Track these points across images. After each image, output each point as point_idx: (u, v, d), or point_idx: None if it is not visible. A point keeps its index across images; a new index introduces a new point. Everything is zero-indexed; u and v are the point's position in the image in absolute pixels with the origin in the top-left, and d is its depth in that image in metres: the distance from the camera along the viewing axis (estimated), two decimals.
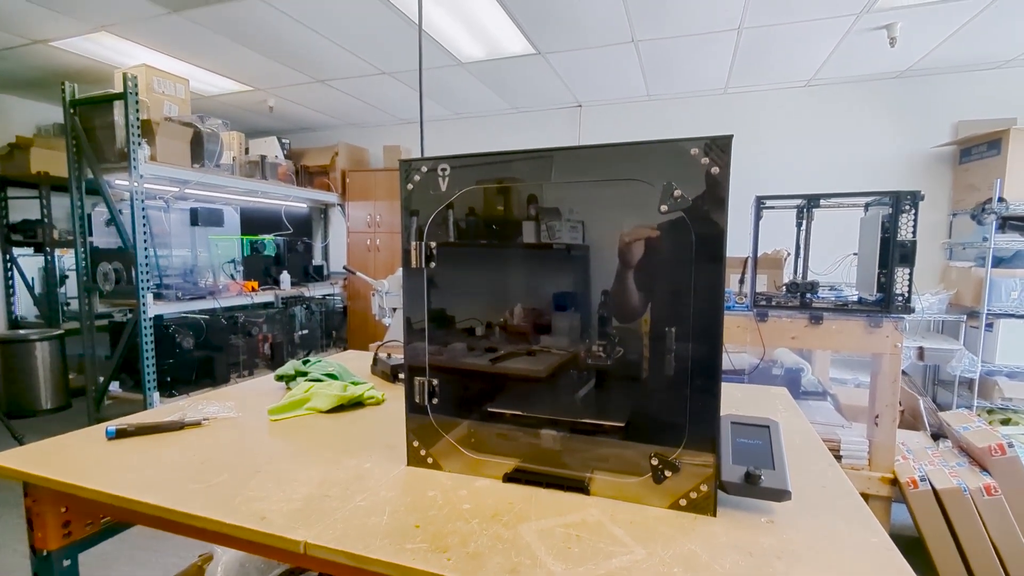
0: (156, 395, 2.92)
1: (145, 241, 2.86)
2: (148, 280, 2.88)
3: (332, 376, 1.26)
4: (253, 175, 3.88)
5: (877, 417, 2.11)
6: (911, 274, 2.08)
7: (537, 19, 3.03)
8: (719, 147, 0.63)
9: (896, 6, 2.85)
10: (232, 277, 3.50)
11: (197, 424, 1.01)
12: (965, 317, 3.62)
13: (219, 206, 3.39)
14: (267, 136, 4.59)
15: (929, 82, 3.95)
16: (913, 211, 2.09)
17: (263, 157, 3.96)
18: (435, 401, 0.82)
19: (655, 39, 3.32)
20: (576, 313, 0.75)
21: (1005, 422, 3.47)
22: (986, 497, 1.92)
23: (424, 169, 0.79)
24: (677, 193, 0.66)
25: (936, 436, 2.89)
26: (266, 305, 3.86)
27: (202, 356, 3.27)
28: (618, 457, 0.73)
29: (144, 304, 2.85)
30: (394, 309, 2.80)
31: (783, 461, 0.70)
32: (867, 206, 2.40)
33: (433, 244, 0.80)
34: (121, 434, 0.93)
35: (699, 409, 0.67)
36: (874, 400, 2.17)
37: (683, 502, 0.68)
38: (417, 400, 0.83)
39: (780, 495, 0.65)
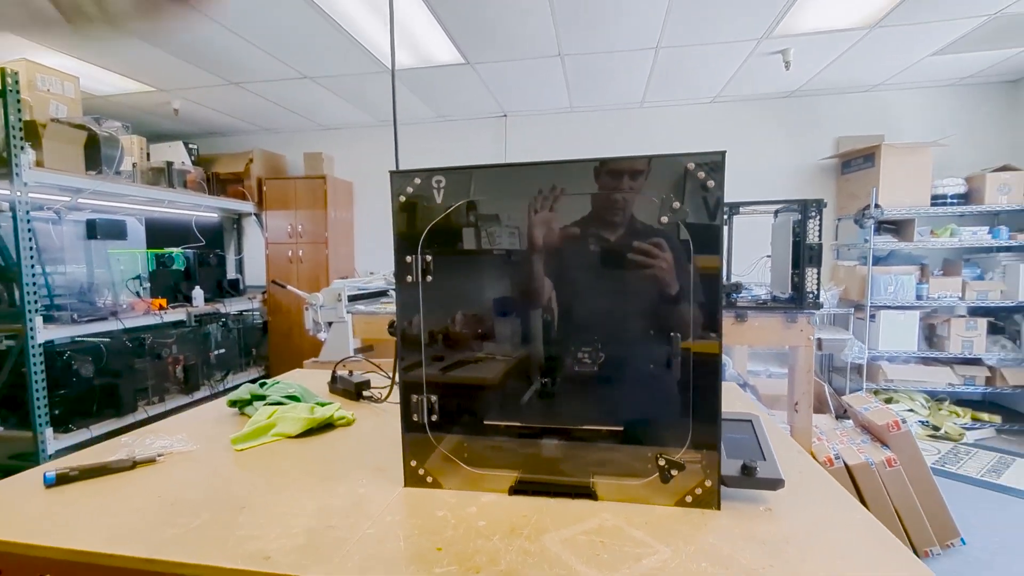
0: (49, 431, 2.56)
1: (32, 257, 2.50)
2: (36, 301, 2.52)
3: (294, 398, 1.18)
4: (158, 183, 3.53)
5: (796, 404, 2.33)
6: (819, 274, 2.33)
7: (469, 30, 3.05)
8: (713, 162, 0.68)
9: (790, 34, 3.19)
10: (137, 294, 3.16)
11: (151, 461, 0.90)
12: (853, 310, 4.10)
13: (121, 217, 3.05)
14: (172, 141, 4.20)
15: (814, 102, 4.45)
16: (818, 217, 2.34)
17: (169, 164, 3.62)
18: (434, 418, 0.80)
19: (580, 54, 3.46)
20: (579, 323, 0.76)
21: (888, 400, 3.97)
22: (888, 469, 2.18)
23: (417, 181, 0.78)
24: (676, 205, 0.69)
25: (839, 417, 3.23)
26: (177, 324, 3.52)
27: (103, 384, 2.92)
28: (619, 461, 0.75)
29: (32, 329, 2.49)
30: (329, 323, 2.67)
31: (772, 452, 0.76)
32: (776, 213, 2.65)
33: (429, 257, 0.78)
34: (62, 480, 0.81)
35: (702, 409, 0.71)
36: (792, 388, 2.40)
37: (689, 499, 0.72)
38: (415, 418, 0.80)
39: (775, 484, 0.71)
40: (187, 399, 3.56)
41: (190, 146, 4.24)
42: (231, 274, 4.81)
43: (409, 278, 0.79)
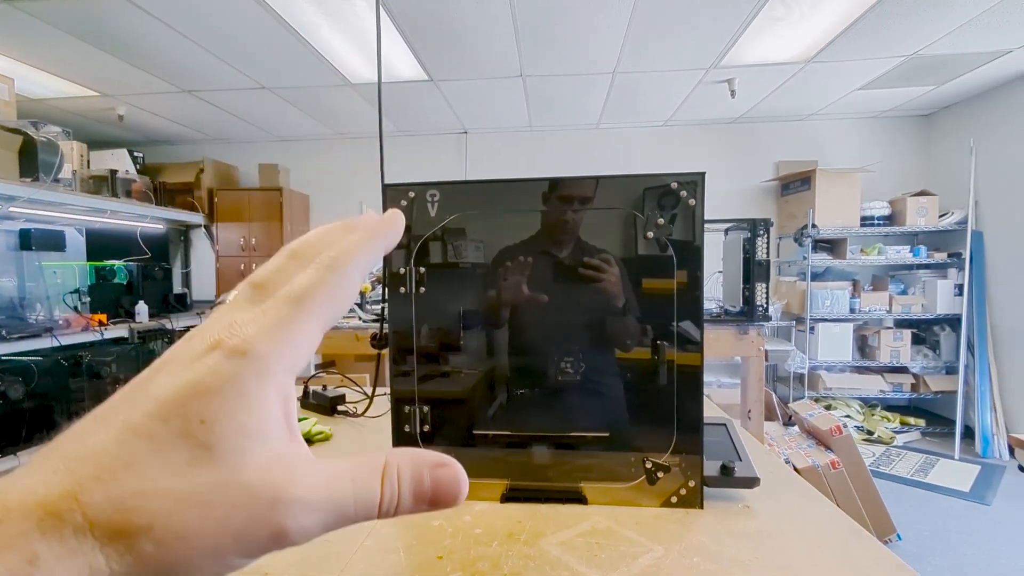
0: None
1: None
2: None
3: None
4: (100, 192, 3.34)
5: (749, 411, 2.45)
6: (768, 288, 2.48)
7: (434, 47, 3.09)
8: (694, 182, 0.73)
9: (736, 64, 3.41)
10: (75, 309, 2.96)
11: None
12: (794, 323, 4.35)
13: (59, 228, 2.86)
14: (116, 148, 3.99)
15: (756, 128, 4.76)
16: (766, 235, 2.50)
17: (113, 172, 3.43)
18: (426, 428, 0.81)
19: (542, 75, 3.57)
20: (568, 335, 0.80)
21: (828, 407, 4.21)
22: (832, 471, 2.32)
23: (411, 195, 0.79)
24: (660, 221, 0.74)
25: (786, 424, 3.41)
26: (118, 341, 3.31)
27: (34, 406, 2.69)
28: (605, 466, 0.79)
29: None
30: None
31: (747, 453, 0.82)
32: (727, 231, 2.81)
33: (422, 269, 0.80)
34: None
35: (686, 415, 0.75)
36: (745, 397, 2.52)
37: (674, 499, 0.75)
38: (406, 429, 0.81)
39: (752, 482, 0.76)
40: None
41: (135, 154, 4.03)
42: (178, 288, 4.58)
43: (402, 290, 0.80)
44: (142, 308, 3.50)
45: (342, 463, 0.20)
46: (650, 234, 0.75)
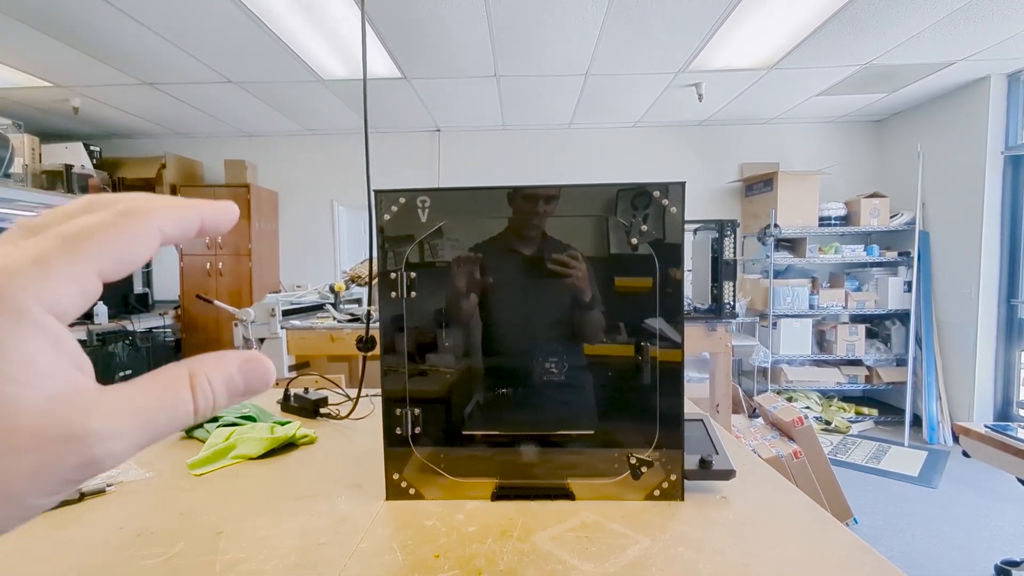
0: None
1: None
2: None
3: (250, 418, 1.13)
4: (54, 187, 3.19)
5: (718, 405, 2.54)
6: (735, 287, 2.57)
7: (408, 45, 3.07)
8: (675, 191, 0.77)
9: (703, 69, 3.51)
10: None
11: (101, 492, 0.84)
12: (758, 318, 4.51)
13: (7, 225, 2.72)
14: (69, 141, 3.80)
15: (721, 130, 4.90)
16: (732, 235, 2.59)
17: (68, 167, 3.28)
18: (417, 430, 0.82)
19: (515, 75, 3.59)
20: (554, 335, 0.83)
21: (789, 399, 4.39)
22: (795, 460, 2.43)
23: (402, 200, 0.81)
24: (644, 228, 0.78)
25: (751, 416, 3.53)
26: None
27: None
28: (591, 462, 0.82)
29: None
30: (261, 340, 2.55)
31: (723, 447, 0.86)
32: (695, 231, 2.90)
33: (413, 274, 0.81)
34: None
35: (668, 412, 0.79)
36: (714, 391, 2.61)
37: (656, 492, 0.79)
38: (398, 432, 0.82)
39: (728, 474, 0.80)
40: None
41: (91, 148, 3.86)
42: (139, 288, 4.41)
43: (393, 294, 0.81)
44: (100, 309, 3.36)
45: (141, 382, 0.20)
46: (634, 240, 0.78)
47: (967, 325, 3.87)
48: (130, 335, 3.54)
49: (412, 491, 0.82)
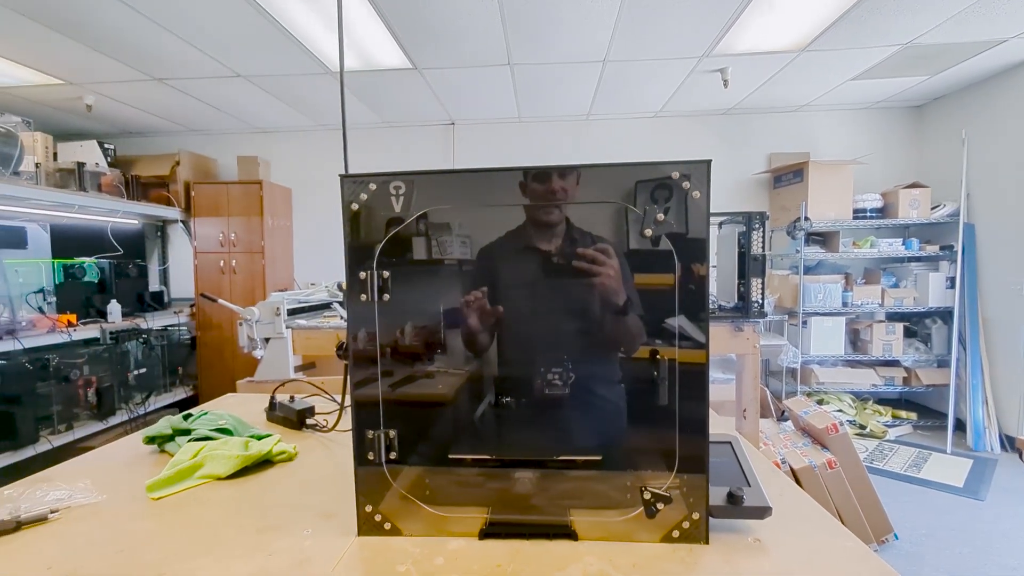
0: None
1: None
2: None
3: (226, 431, 1.04)
4: (67, 185, 3.18)
5: (745, 410, 2.38)
6: (763, 284, 2.40)
7: (417, 35, 2.96)
8: (699, 172, 0.64)
9: (729, 53, 3.32)
10: (40, 310, 2.81)
11: (42, 520, 0.75)
12: (787, 317, 4.30)
13: (20, 224, 2.71)
14: (84, 140, 3.80)
15: (748, 119, 4.67)
16: (761, 229, 2.41)
17: (81, 164, 3.27)
18: (392, 455, 0.71)
19: (530, 64, 3.45)
20: (555, 342, 0.70)
21: (820, 402, 4.17)
22: (829, 471, 2.26)
23: (372, 187, 0.69)
24: (660, 217, 0.65)
25: (779, 419, 3.34)
26: (89, 342, 3.16)
27: None
28: (598, 492, 0.69)
29: None
30: (267, 340, 2.48)
31: (756, 477, 0.73)
32: (721, 224, 2.72)
33: (386, 274, 0.69)
34: None
35: (689, 435, 0.66)
36: (740, 395, 2.45)
37: (676, 533, 0.66)
38: (370, 456, 0.71)
39: (763, 512, 0.67)
40: (101, 425, 3.20)
41: (106, 146, 3.85)
42: (154, 286, 4.42)
43: (363, 297, 0.70)
44: (114, 307, 3.35)
45: None
46: (648, 231, 0.65)
47: (1017, 323, 3.59)
48: (144, 333, 3.53)
49: (388, 526, 0.71)
